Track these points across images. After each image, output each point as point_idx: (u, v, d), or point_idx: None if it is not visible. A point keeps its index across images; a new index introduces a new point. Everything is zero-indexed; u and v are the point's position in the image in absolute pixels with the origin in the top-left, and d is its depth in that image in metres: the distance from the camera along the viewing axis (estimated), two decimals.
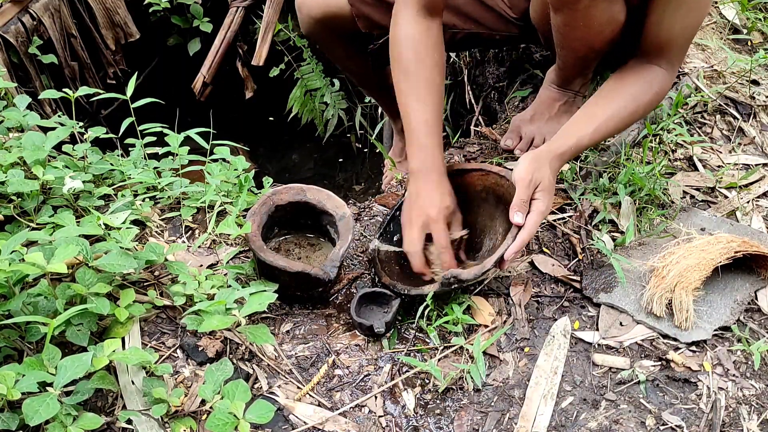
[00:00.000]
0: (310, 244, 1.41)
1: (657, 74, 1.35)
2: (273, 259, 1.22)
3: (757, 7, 2.15)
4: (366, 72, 1.83)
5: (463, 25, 1.60)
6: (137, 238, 1.40)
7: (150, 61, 3.13)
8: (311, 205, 1.35)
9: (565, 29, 1.36)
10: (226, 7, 2.92)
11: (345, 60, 1.81)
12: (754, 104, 1.79)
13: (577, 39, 1.37)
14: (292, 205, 1.35)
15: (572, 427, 1.14)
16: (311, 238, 1.42)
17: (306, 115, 3.07)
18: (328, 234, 1.40)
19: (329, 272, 1.23)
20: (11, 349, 1.11)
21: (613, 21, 1.31)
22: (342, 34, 1.65)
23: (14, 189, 1.27)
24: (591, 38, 1.35)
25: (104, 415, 1.09)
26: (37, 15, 2.40)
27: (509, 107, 1.95)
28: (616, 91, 1.35)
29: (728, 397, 1.18)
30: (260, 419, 1.06)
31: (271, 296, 1.14)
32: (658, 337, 1.27)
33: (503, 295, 1.35)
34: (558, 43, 1.43)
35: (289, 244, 1.40)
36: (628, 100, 1.34)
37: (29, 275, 1.09)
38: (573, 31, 1.35)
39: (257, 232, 1.27)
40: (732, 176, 1.60)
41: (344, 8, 1.55)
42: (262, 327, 1.15)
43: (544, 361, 1.23)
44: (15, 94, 1.95)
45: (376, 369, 1.22)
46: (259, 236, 1.27)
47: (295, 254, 1.39)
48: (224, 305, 1.12)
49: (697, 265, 1.28)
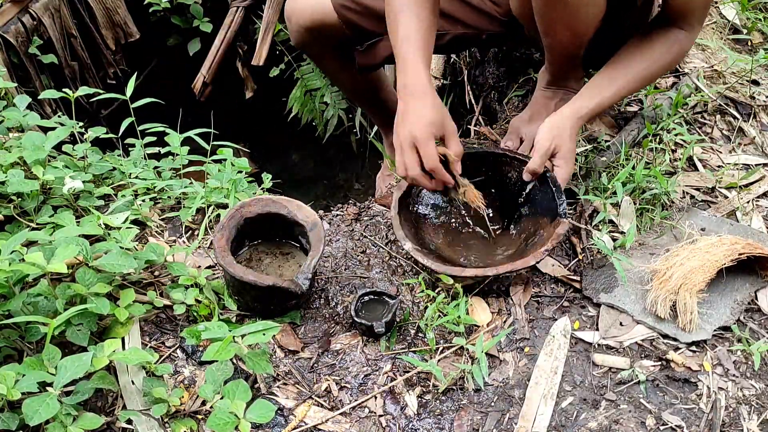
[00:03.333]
0: (282, 253, 1.37)
1: (678, 36, 1.38)
2: (242, 274, 1.19)
3: (757, 7, 2.15)
4: (357, 84, 1.82)
5: (450, 27, 1.59)
6: (137, 238, 1.41)
7: (150, 61, 3.13)
8: (281, 216, 1.31)
9: (545, 10, 1.35)
10: (226, 7, 2.92)
11: (337, 72, 1.80)
12: (754, 104, 1.79)
13: (559, 20, 1.36)
14: (262, 216, 1.31)
15: (572, 427, 1.14)
16: (284, 247, 1.38)
17: (306, 115, 3.06)
18: (301, 243, 1.36)
19: (301, 284, 1.20)
20: (11, 349, 1.11)
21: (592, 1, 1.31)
22: (332, 44, 1.64)
23: (14, 189, 1.27)
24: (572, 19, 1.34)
25: (104, 415, 1.09)
26: (37, 15, 2.40)
27: (509, 107, 1.95)
28: (638, 52, 1.38)
29: (728, 397, 1.18)
30: (261, 419, 1.06)
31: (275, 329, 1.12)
32: (658, 337, 1.27)
33: (503, 295, 1.35)
34: (541, 30, 1.43)
35: (261, 254, 1.36)
36: (650, 61, 1.37)
37: (29, 275, 1.09)
38: (553, 12, 1.34)
39: (225, 247, 1.24)
40: (732, 176, 1.60)
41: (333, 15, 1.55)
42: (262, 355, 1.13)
43: (544, 361, 1.23)
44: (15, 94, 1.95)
45: (376, 369, 1.22)
46: (227, 251, 1.23)
47: (267, 264, 1.35)
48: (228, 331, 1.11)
49: (701, 267, 1.27)
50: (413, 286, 1.38)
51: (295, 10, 1.59)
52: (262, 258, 1.36)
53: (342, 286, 1.38)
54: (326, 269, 1.41)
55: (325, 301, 1.35)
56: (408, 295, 1.36)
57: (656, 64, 1.38)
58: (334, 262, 1.43)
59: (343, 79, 1.83)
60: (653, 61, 1.38)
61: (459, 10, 1.57)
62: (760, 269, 1.35)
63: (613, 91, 1.37)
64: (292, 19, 1.61)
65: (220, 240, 1.25)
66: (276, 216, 1.32)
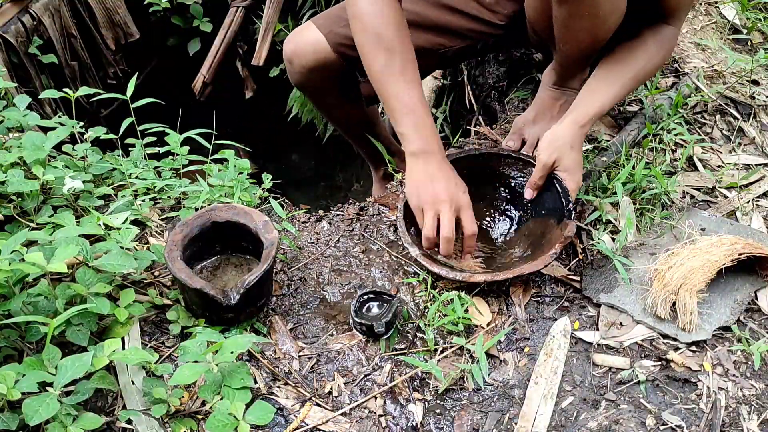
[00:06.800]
0: (249, 268, 1.34)
1: (668, 32, 1.40)
2: (176, 270, 1.17)
3: (757, 7, 2.15)
4: (352, 120, 1.85)
5: (450, 42, 1.59)
6: (137, 238, 1.40)
7: (150, 61, 3.13)
8: (248, 228, 1.28)
9: (570, 21, 1.35)
10: (226, 7, 2.92)
11: (334, 108, 1.81)
12: (754, 104, 1.79)
13: (583, 29, 1.37)
14: (231, 224, 1.29)
15: (572, 427, 1.14)
16: (252, 263, 1.35)
17: (306, 115, 3.07)
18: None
19: (230, 296, 1.15)
20: (11, 349, 1.11)
21: (617, 9, 1.32)
22: (333, 81, 1.66)
23: (14, 189, 1.27)
24: (596, 28, 1.35)
25: (104, 415, 1.09)
26: (37, 15, 2.40)
27: (509, 107, 1.95)
28: (632, 52, 1.39)
29: (728, 397, 1.18)
30: (260, 420, 1.06)
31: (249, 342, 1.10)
32: (658, 337, 1.27)
33: (503, 295, 1.35)
34: (560, 37, 1.42)
35: (228, 265, 1.34)
36: (645, 60, 1.38)
37: (29, 275, 1.09)
38: (578, 22, 1.34)
39: (177, 241, 1.21)
40: (732, 176, 1.60)
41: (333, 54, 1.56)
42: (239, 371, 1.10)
43: (544, 361, 1.23)
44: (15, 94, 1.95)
45: (376, 369, 1.22)
46: (179, 247, 1.21)
47: (231, 276, 1.33)
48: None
49: (701, 267, 1.27)
50: (413, 286, 1.38)
51: (296, 52, 1.60)
52: (226, 269, 1.34)
53: (342, 286, 1.38)
54: (326, 269, 1.41)
55: (325, 301, 1.35)
56: (408, 295, 1.36)
57: (651, 62, 1.39)
58: (335, 262, 1.43)
59: (339, 116, 1.86)
60: (648, 60, 1.38)
61: (456, 23, 1.57)
62: (760, 269, 1.35)
63: (611, 94, 1.37)
64: (294, 61, 1.61)
65: (177, 234, 1.22)
66: (243, 227, 1.29)
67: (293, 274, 1.39)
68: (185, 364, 1.06)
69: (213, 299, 1.15)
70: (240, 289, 1.16)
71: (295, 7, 2.82)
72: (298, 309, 1.33)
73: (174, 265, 1.18)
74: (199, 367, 1.05)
